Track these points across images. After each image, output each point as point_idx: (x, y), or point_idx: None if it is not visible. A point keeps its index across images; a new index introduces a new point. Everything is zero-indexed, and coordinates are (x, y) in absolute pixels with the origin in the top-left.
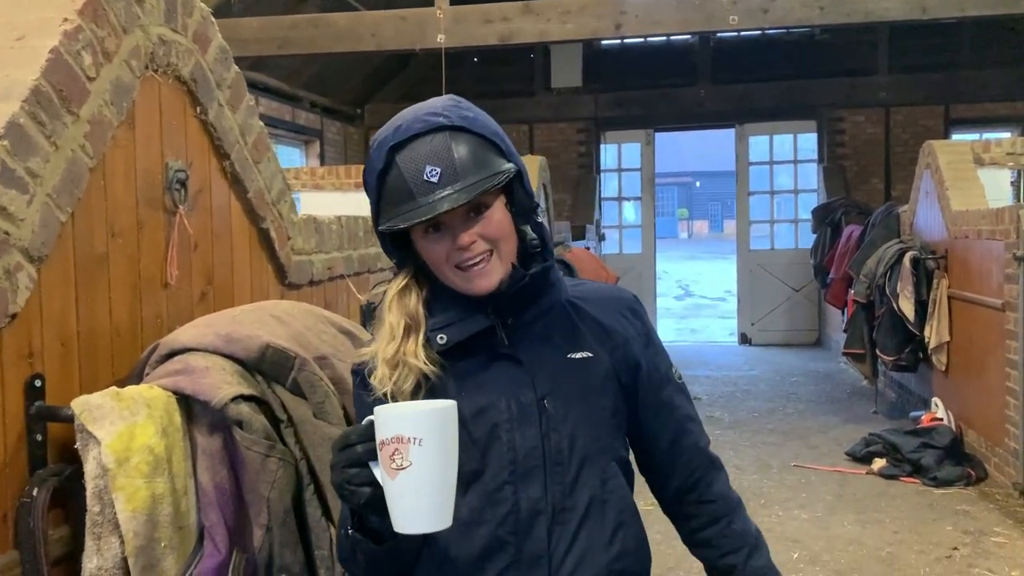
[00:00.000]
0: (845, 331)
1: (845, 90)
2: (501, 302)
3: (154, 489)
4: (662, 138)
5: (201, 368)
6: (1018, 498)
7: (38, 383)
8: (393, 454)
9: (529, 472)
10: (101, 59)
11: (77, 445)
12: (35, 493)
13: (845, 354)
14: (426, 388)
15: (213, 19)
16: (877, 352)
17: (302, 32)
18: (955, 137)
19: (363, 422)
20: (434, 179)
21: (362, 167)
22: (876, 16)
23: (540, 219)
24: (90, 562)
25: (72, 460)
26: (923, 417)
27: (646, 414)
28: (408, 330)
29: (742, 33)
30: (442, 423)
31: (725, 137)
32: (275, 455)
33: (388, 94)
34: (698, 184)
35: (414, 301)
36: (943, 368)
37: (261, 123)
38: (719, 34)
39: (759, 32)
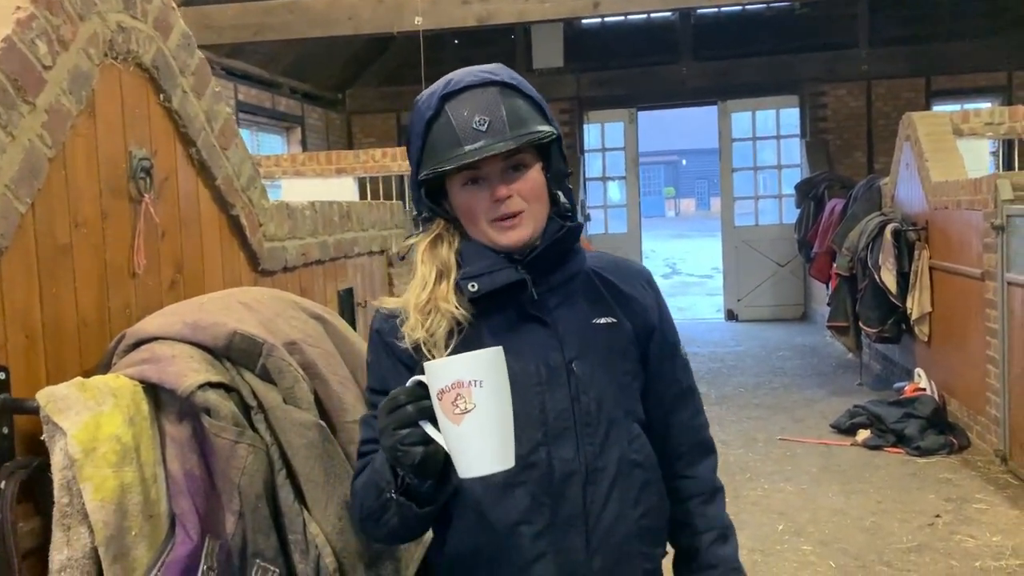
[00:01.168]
0: (829, 304)
1: (827, 64)
2: (532, 258)
3: (122, 478)
4: (648, 117)
5: (167, 356)
6: (999, 465)
7: (2, 375)
8: (456, 399)
9: (561, 434)
10: (57, 47)
11: (44, 436)
12: (3, 486)
13: (829, 327)
14: (459, 337)
15: (174, 5)
16: (860, 324)
17: (278, 17)
18: (936, 108)
19: (408, 383)
20: (482, 128)
21: (344, 152)
22: None
23: (570, 185)
24: (60, 553)
25: (40, 452)
26: (906, 388)
27: (649, 381)
28: (440, 276)
29: (723, 9)
30: (496, 364)
31: (710, 114)
32: (244, 441)
33: (369, 78)
34: (684, 162)
35: (446, 250)
36: (925, 339)
37: (228, 109)
38: (700, 10)
39: (740, 8)
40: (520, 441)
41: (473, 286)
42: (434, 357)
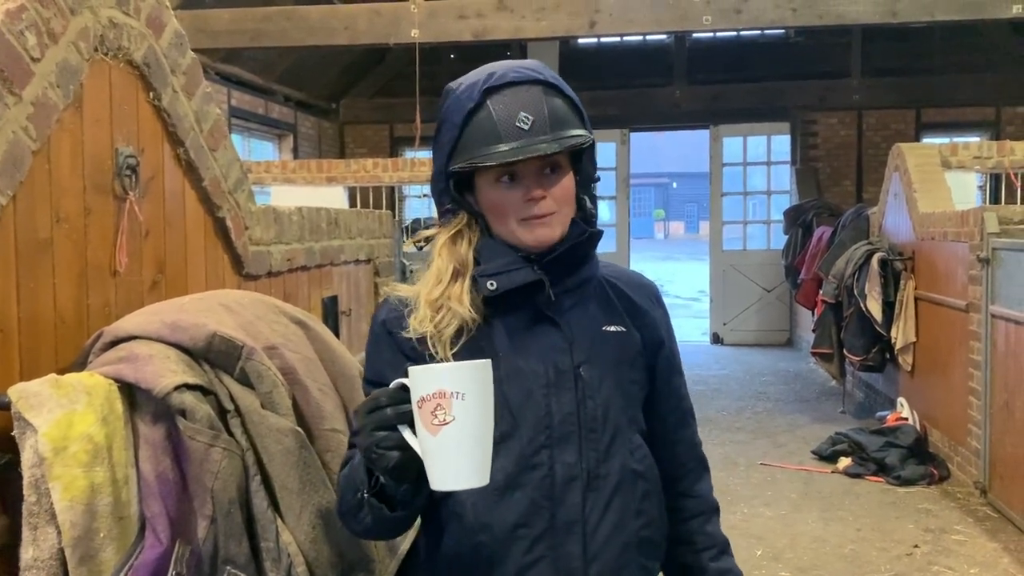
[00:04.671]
0: (814, 331)
1: (818, 92)
2: (550, 260)
3: (93, 479)
4: (640, 138)
5: (144, 356)
6: (979, 497)
7: None
8: (435, 409)
9: (564, 437)
10: (47, 40)
11: (14, 433)
12: None
13: (813, 354)
14: (467, 337)
15: (168, 3)
16: (845, 352)
17: (275, 24)
18: (925, 141)
19: (392, 385)
20: (525, 126)
21: (335, 161)
22: (848, 19)
23: (595, 192)
24: (26, 553)
25: (10, 449)
26: (889, 417)
27: (656, 396)
28: (456, 274)
29: (717, 34)
30: (482, 378)
31: (702, 138)
32: (219, 445)
33: (363, 89)
34: (675, 185)
35: (465, 247)
36: (909, 368)
37: (218, 111)
38: (694, 35)
39: (734, 34)
40: (524, 443)
41: (492, 284)
42: (438, 353)
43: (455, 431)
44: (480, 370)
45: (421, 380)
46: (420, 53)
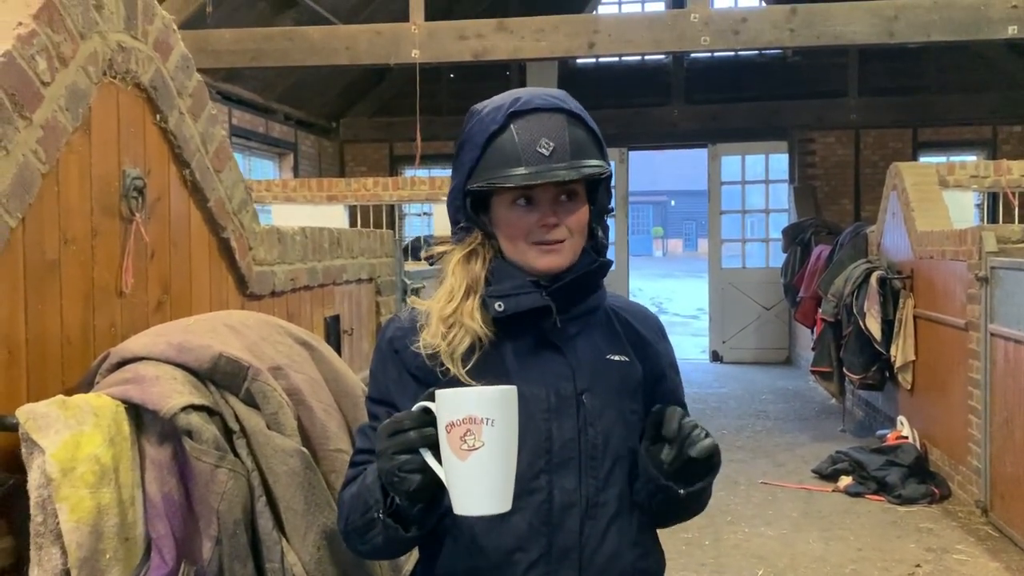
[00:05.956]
0: (813, 349)
1: (816, 112)
2: (558, 286)
3: (99, 499)
4: (639, 157)
5: (151, 377)
6: (980, 516)
7: None
8: (465, 435)
9: (564, 463)
10: (56, 64)
11: (22, 453)
12: None
13: (813, 372)
14: (480, 353)
15: (175, 27)
16: (844, 371)
17: (276, 44)
18: (923, 159)
19: (415, 408)
20: (546, 152)
21: (336, 180)
22: (845, 39)
23: (607, 222)
24: (31, 574)
25: (18, 469)
26: (889, 435)
27: None
28: (468, 292)
29: (715, 54)
30: (510, 405)
31: (700, 157)
32: (225, 466)
33: (364, 108)
34: (673, 203)
35: (479, 267)
36: (908, 387)
37: (223, 132)
38: (692, 55)
39: (732, 53)
40: (523, 467)
41: (500, 306)
42: (451, 369)
43: (484, 457)
44: (509, 396)
45: (451, 405)
46: (420, 73)
